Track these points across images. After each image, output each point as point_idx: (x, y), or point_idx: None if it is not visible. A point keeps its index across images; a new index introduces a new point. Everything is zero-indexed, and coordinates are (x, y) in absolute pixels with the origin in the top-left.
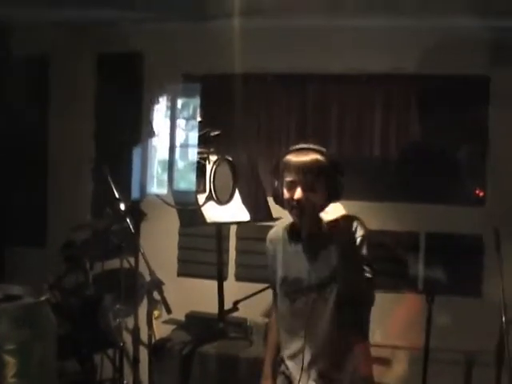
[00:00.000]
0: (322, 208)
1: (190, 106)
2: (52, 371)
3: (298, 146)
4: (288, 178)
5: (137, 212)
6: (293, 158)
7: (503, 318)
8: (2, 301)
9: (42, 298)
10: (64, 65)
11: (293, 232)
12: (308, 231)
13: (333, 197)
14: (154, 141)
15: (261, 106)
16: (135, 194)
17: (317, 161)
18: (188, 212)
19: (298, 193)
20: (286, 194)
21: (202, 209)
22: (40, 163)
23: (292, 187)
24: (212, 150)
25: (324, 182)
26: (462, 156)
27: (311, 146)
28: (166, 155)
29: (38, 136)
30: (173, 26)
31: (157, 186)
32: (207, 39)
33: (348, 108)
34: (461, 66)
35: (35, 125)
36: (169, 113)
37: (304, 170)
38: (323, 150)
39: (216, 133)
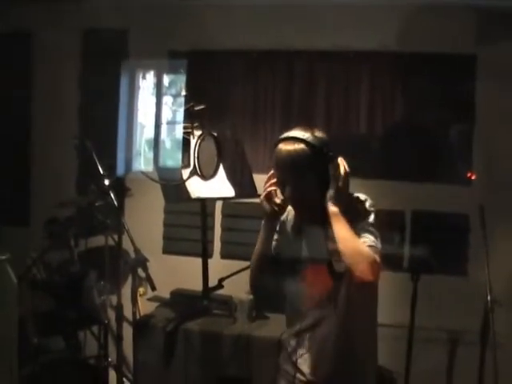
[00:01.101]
0: (322, 197)
1: (176, 83)
2: (12, 336)
3: (284, 136)
4: (277, 176)
5: (120, 187)
6: (278, 152)
7: (488, 297)
8: None
9: (2, 257)
10: (48, 40)
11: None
12: (307, 223)
13: (325, 185)
14: (140, 117)
15: (247, 82)
16: (120, 170)
17: (299, 155)
18: (172, 188)
19: (288, 192)
20: (280, 188)
21: (187, 184)
22: (23, 139)
23: (281, 184)
24: (196, 124)
25: (313, 174)
26: (448, 134)
27: (297, 133)
28: (152, 133)
29: (21, 112)
30: (158, 2)
31: (144, 164)
32: (193, 15)
33: (334, 85)
34: (448, 43)
35: (18, 101)
36: (155, 89)
37: (287, 169)
38: (309, 136)
39: (200, 107)
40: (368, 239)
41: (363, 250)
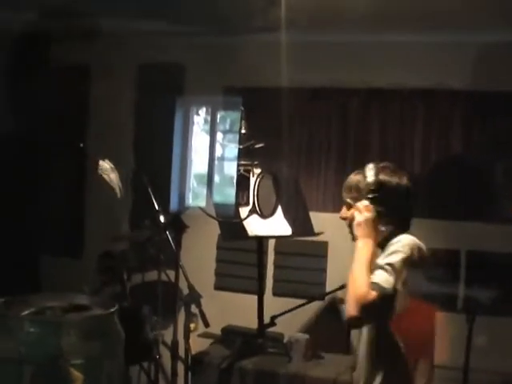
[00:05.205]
0: None
1: (228, 120)
2: None
3: None
4: None
5: (179, 224)
6: None
7: None
8: (68, 311)
9: (112, 309)
10: (104, 75)
11: None
12: None
13: None
14: (192, 154)
15: (302, 119)
16: (174, 205)
17: None
18: (229, 225)
19: None
20: None
21: (244, 222)
22: (79, 173)
23: None
24: (256, 162)
25: None
26: (503, 174)
27: None
28: (202, 169)
29: (78, 146)
30: (215, 39)
31: (192, 199)
32: (249, 52)
33: (389, 123)
34: (503, 82)
35: (75, 135)
36: (208, 126)
37: None
38: None
39: (260, 145)
40: (376, 276)
41: (357, 283)
